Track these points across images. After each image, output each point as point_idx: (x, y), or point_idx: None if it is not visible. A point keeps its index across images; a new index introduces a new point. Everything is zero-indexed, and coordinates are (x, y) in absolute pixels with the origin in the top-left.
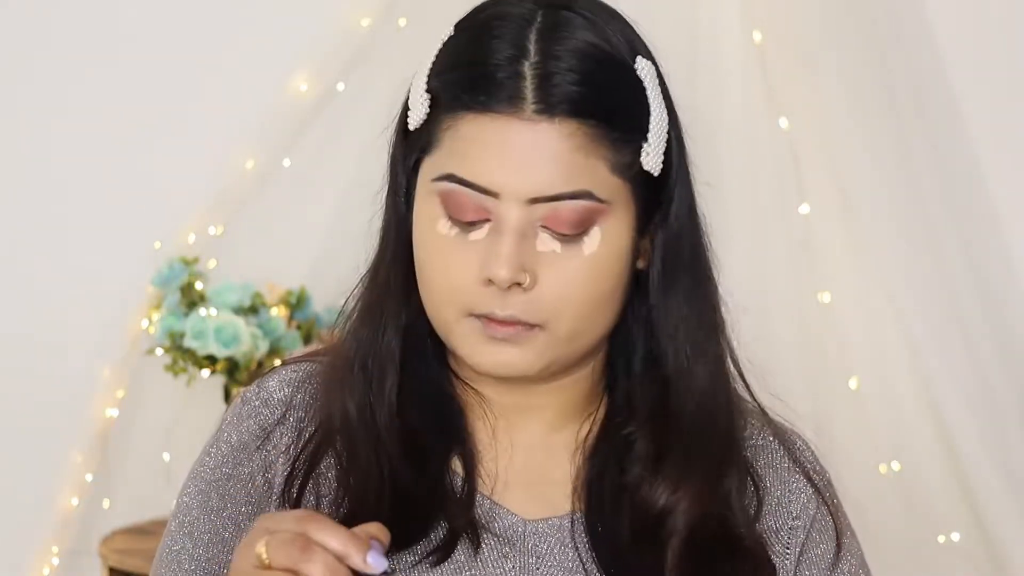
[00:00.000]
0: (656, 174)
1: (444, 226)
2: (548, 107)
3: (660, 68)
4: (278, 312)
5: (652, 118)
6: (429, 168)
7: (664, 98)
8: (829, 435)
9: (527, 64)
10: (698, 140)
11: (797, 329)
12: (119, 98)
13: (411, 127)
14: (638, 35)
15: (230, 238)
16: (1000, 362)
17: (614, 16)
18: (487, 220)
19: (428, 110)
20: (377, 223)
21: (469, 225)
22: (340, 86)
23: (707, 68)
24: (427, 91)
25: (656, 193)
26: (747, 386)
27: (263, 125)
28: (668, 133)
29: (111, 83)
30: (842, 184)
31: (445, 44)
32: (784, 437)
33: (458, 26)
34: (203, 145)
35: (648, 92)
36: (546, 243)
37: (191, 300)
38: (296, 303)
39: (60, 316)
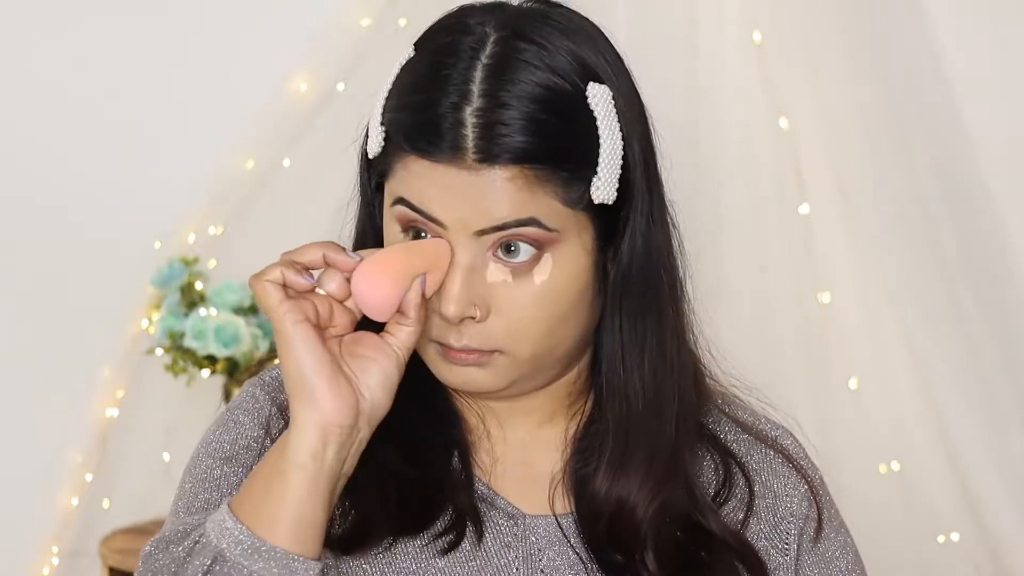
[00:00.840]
0: (610, 203)
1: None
2: (489, 157)
3: (627, 72)
4: None
5: (602, 150)
6: (388, 193)
7: (620, 121)
8: (829, 435)
9: (469, 111)
10: (699, 140)
11: (797, 329)
12: (119, 97)
13: (370, 155)
14: (600, 47)
15: (230, 238)
16: (1000, 362)
17: (570, 34)
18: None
19: (383, 143)
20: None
21: (422, 235)
22: (340, 86)
23: (707, 68)
24: (382, 124)
25: (617, 212)
26: (700, 377)
27: (263, 125)
28: (624, 159)
29: (111, 82)
30: (842, 184)
31: (402, 70)
32: (776, 435)
33: (417, 46)
34: (203, 145)
35: (599, 122)
36: (496, 274)
37: (191, 300)
38: None
39: (60, 316)
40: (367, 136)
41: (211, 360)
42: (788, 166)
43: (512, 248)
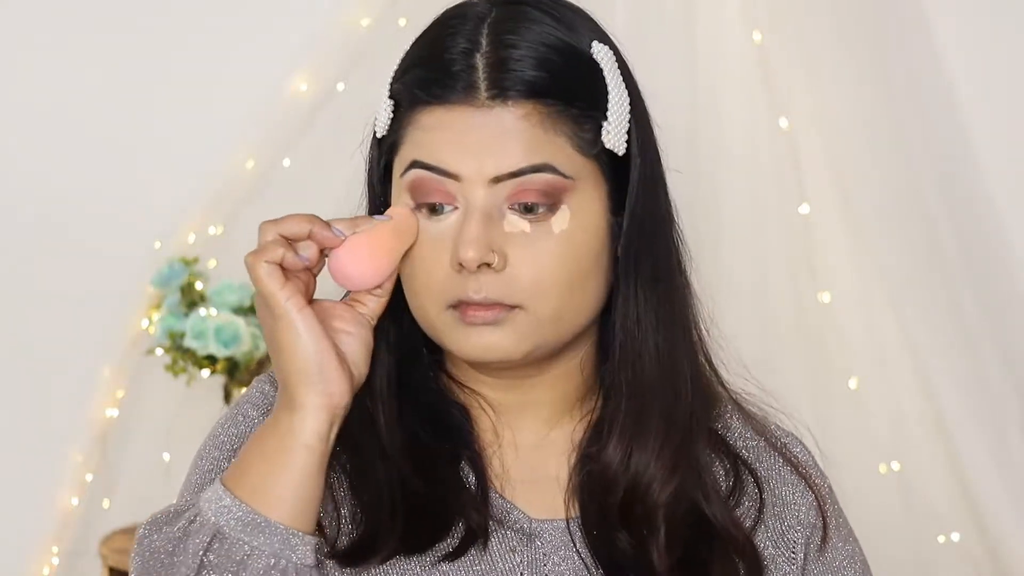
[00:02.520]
0: (620, 153)
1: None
2: (501, 91)
3: (622, 56)
4: None
5: (611, 97)
6: (398, 166)
7: (626, 82)
8: (829, 435)
9: (479, 55)
10: (699, 140)
11: (797, 329)
12: (119, 97)
13: (378, 135)
14: (598, 26)
15: (230, 238)
16: (1000, 362)
17: (571, 8)
18: (455, 207)
19: (392, 114)
20: None
21: (437, 209)
22: (340, 86)
23: (707, 68)
24: (389, 96)
25: (626, 169)
26: (717, 374)
27: (263, 125)
28: (630, 115)
29: (111, 82)
30: (842, 184)
31: (404, 54)
32: (785, 443)
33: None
34: (203, 145)
35: (606, 74)
36: (514, 224)
37: (191, 300)
38: None
39: (60, 316)
40: (374, 134)
41: (211, 360)
42: (788, 166)
43: (529, 206)
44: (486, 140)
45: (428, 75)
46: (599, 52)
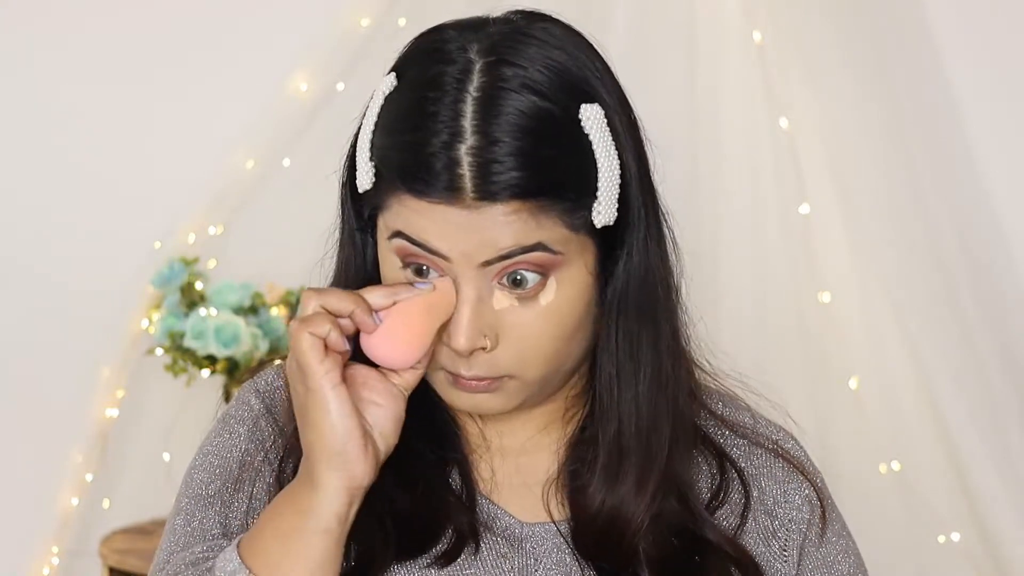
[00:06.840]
0: (611, 224)
1: (404, 278)
2: (489, 195)
3: (619, 85)
4: (278, 312)
5: (601, 174)
6: (383, 226)
7: (615, 139)
8: (829, 435)
9: (463, 149)
10: (699, 140)
11: (797, 329)
12: (119, 97)
13: (360, 190)
14: (585, 60)
15: (230, 238)
16: (1000, 362)
17: (553, 51)
18: (444, 276)
19: (374, 179)
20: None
21: (424, 271)
22: (340, 86)
23: (707, 68)
24: (371, 159)
25: (616, 229)
26: (694, 389)
27: (263, 125)
28: (621, 176)
29: (111, 82)
30: (842, 184)
31: (386, 102)
32: (778, 439)
33: (398, 73)
34: (203, 145)
35: (595, 145)
36: (502, 301)
37: (191, 300)
38: (296, 303)
39: (60, 316)
40: (350, 169)
41: (211, 360)
42: (788, 166)
43: (519, 279)
44: (473, 233)
45: (409, 166)
46: (588, 119)
